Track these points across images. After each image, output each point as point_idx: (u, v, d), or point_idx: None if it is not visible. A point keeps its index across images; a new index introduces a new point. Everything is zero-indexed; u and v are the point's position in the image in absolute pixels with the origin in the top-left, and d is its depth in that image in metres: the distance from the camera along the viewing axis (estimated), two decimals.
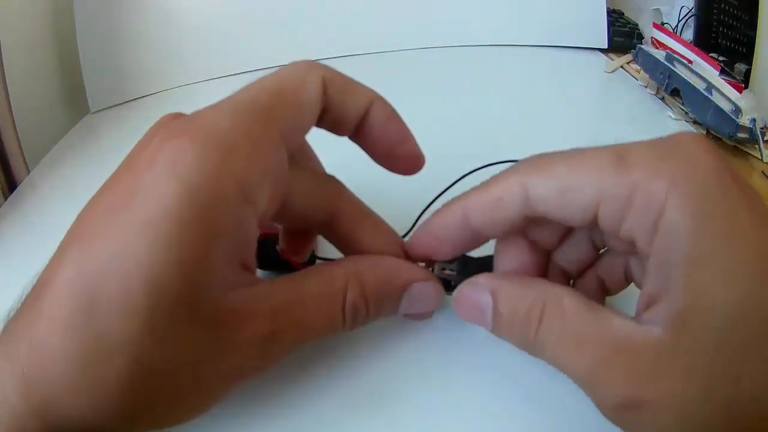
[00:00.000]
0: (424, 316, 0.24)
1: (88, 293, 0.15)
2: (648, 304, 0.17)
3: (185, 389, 0.17)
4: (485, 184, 0.20)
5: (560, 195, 0.18)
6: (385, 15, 0.53)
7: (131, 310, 0.15)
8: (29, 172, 0.40)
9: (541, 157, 0.19)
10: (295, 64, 0.21)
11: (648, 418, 0.17)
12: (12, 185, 0.39)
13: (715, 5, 0.50)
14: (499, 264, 0.23)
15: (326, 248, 0.26)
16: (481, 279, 0.21)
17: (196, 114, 0.18)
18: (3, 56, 0.39)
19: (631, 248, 0.18)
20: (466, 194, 0.21)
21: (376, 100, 0.22)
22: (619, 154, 0.18)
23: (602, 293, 0.23)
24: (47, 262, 0.17)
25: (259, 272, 0.28)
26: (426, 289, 0.22)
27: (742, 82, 0.45)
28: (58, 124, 0.46)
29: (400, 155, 0.23)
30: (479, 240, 0.22)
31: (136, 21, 0.48)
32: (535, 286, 0.20)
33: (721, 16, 0.50)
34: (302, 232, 0.25)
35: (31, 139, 0.42)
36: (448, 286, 0.23)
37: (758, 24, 0.48)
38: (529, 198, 0.19)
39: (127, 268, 0.15)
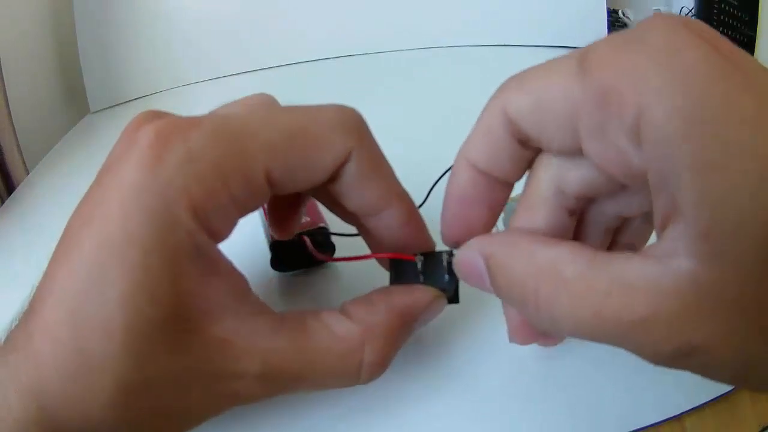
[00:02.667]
0: None
1: (72, 310, 0.16)
2: (663, 226, 0.14)
3: (173, 409, 0.17)
4: (478, 118, 0.18)
5: (536, 111, 0.16)
6: (384, 15, 0.53)
7: (109, 330, 0.15)
8: (28, 173, 0.40)
9: (518, 74, 0.17)
10: (341, 109, 0.19)
11: (705, 361, 0.14)
12: (10, 186, 0.39)
13: (715, 5, 0.50)
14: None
15: (337, 241, 0.25)
16: (475, 242, 0.19)
17: (182, 123, 0.17)
18: (3, 56, 0.39)
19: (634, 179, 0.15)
20: (465, 140, 0.19)
21: (396, 201, 0.20)
22: (581, 55, 0.15)
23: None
24: (44, 271, 0.17)
25: (276, 273, 0.28)
26: (434, 307, 0.21)
27: None
28: (58, 124, 0.46)
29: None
30: (500, 191, 0.19)
31: (136, 21, 0.48)
32: (525, 252, 0.17)
33: (721, 16, 0.50)
34: (289, 200, 0.23)
35: (31, 139, 0.42)
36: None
37: (758, 24, 0.48)
38: (511, 119, 0.17)
39: (103, 289, 0.15)
